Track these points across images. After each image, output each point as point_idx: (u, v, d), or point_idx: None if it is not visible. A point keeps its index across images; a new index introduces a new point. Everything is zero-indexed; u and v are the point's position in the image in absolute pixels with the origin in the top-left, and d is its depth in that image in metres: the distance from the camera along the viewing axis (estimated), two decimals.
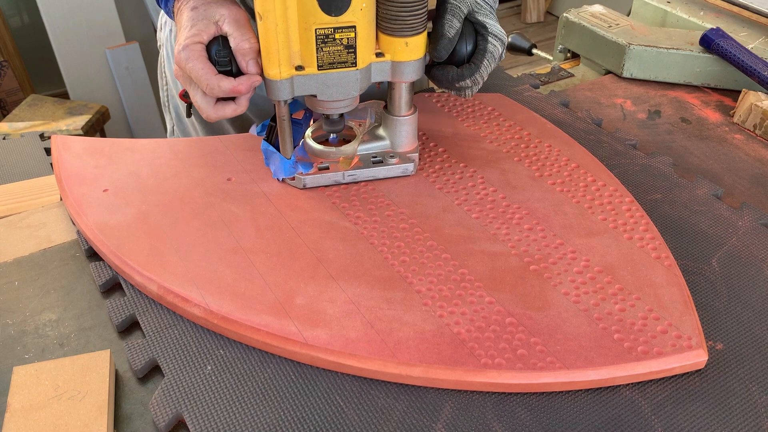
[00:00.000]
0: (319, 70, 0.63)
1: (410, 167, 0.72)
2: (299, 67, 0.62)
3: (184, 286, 0.58)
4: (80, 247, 0.66)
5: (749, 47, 0.94)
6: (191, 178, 0.72)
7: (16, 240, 0.68)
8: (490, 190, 0.71)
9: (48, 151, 0.83)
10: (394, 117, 0.71)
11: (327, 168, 0.71)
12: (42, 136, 0.87)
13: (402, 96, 0.69)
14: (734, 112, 0.89)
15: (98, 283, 0.62)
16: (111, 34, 2.24)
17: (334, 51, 0.62)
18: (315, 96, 0.65)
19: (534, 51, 1.11)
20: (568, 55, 1.09)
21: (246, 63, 0.61)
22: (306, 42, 0.61)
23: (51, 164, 0.79)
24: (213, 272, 0.60)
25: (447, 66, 0.67)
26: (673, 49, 0.94)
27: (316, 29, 0.60)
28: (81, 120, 2.08)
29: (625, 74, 0.97)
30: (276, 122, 0.68)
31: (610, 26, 1.00)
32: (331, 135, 0.73)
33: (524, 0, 3.60)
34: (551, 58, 1.11)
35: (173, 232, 0.64)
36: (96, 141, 0.78)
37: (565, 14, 1.06)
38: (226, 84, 0.61)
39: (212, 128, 0.91)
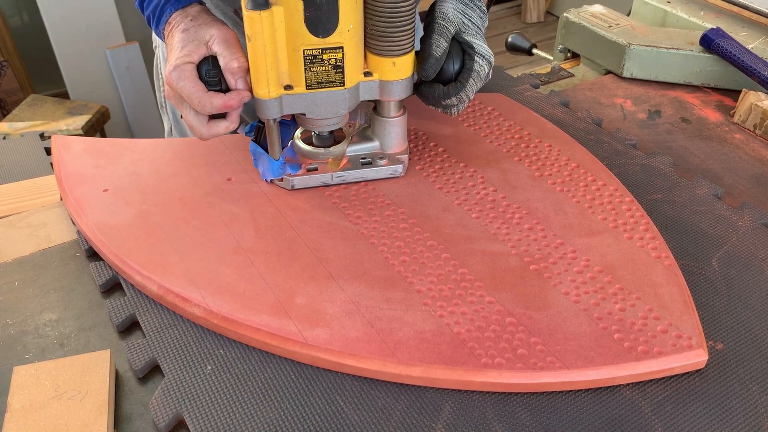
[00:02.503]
0: (307, 89, 0.63)
1: (399, 169, 0.72)
2: (288, 87, 0.63)
3: (184, 286, 0.58)
4: (80, 247, 0.66)
5: (749, 47, 0.94)
6: (191, 178, 0.72)
7: (16, 240, 0.68)
8: (490, 189, 0.71)
9: (48, 150, 0.83)
10: (383, 118, 0.71)
11: (315, 169, 0.71)
12: (42, 136, 0.87)
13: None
14: (734, 112, 0.89)
15: (98, 283, 0.62)
16: (111, 34, 2.24)
17: (322, 71, 0.62)
18: (304, 114, 0.65)
19: (534, 51, 1.11)
20: (568, 55, 1.09)
21: (235, 81, 0.62)
22: (294, 62, 0.62)
23: (51, 164, 0.79)
24: (213, 272, 0.60)
25: (434, 84, 0.67)
26: (673, 49, 0.94)
27: (304, 50, 0.61)
28: (81, 120, 2.08)
29: (625, 74, 0.97)
30: (264, 123, 0.68)
31: (610, 26, 1.00)
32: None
33: (524, 0, 3.60)
34: (551, 58, 1.11)
35: (173, 232, 0.64)
36: (96, 141, 0.78)
37: (565, 14, 1.06)
38: (217, 100, 0.61)
39: None
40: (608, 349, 0.53)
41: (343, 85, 0.64)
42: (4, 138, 0.88)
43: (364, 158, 0.72)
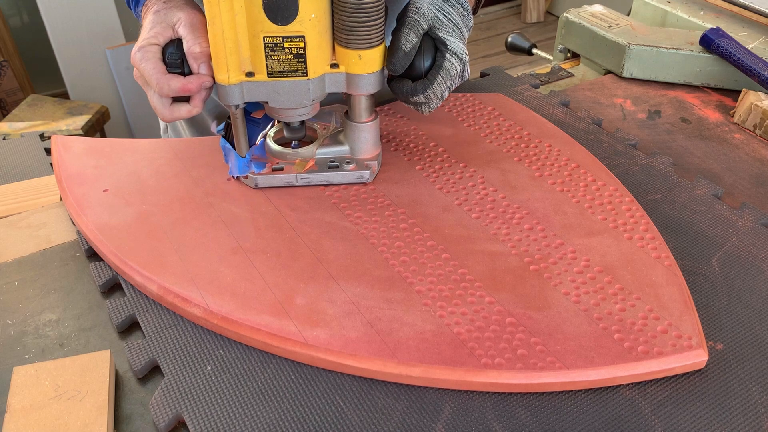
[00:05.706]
0: (269, 77, 0.62)
1: (366, 174, 0.71)
2: (249, 73, 0.62)
3: (184, 286, 0.58)
4: (80, 248, 0.66)
5: (749, 47, 0.94)
6: (191, 178, 0.72)
7: (16, 240, 0.68)
8: (490, 190, 0.71)
9: (48, 151, 0.83)
10: (353, 123, 0.70)
11: (281, 169, 0.70)
12: (42, 136, 0.87)
13: (361, 102, 0.68)
14: (734, 112, 0.89)
15: (98, 283, 0.62)
16: (111, 34, 2.24)
17: (284, 59, 0.61)
18: (267, 103, 0.65)
19: (534, 51, 1.11)
20: (568, 55, 1.09)
21: (198, 66, 0.62)
22: (255, 49, 0.61)
23: (51, 164, 0.79)
24: (213, 272, 0.60)
25: (403, 80, 0.66)
26: (673, 49, 0.94)
27: (264, 37, 0.60)
28: (81, 120, 2.08)
29: (625, 74, 0.97)
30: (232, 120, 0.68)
31: (610, 26, 1.00)
32: (293, 142, 0.72)
33: (524, 0, 3.60)
34: (551, 58, 1.11)
35: (173, 232, 0.64)
36: (96, 141, 0.78)
37: (565, 14, 1.06)
38: (175, 83, 0.61)
39: (199, 129, 0.91)
40: (608, 349, 0.53)
41: (306, 75, 0.63)
42: (4, 138, 0.88)
43: (332, 162, 0.71)
